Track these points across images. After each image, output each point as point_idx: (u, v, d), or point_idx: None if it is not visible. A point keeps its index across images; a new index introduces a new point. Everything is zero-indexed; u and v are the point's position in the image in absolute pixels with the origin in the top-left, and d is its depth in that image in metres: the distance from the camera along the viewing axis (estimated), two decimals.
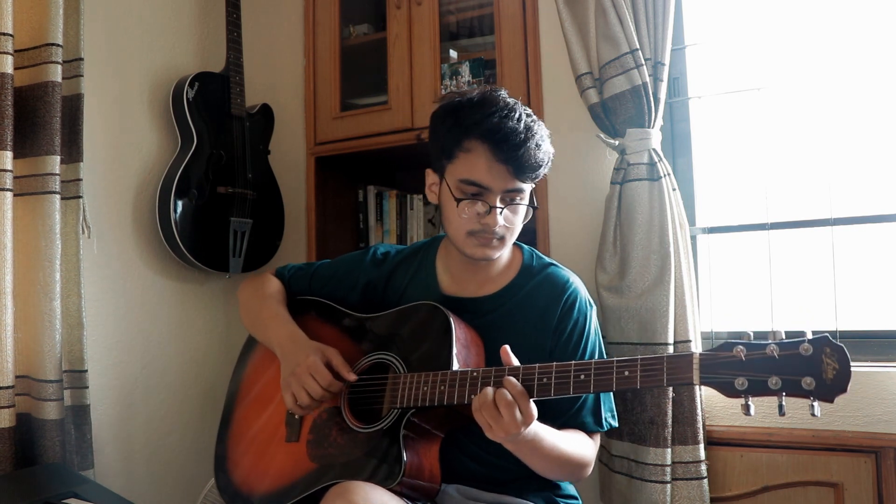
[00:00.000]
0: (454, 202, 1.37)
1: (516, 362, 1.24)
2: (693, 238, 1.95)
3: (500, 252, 1.42)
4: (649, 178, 1.79)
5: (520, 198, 1.39)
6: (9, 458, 1.63)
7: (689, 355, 1.10)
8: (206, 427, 2.32)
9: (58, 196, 1.75)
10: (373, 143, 2.22)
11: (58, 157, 1.75)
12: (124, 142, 2.14)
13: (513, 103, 1.36)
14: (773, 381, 1.03)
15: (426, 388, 1.30)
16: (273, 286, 1.64)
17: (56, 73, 1.75)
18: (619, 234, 1.84)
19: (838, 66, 1.87)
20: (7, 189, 1.64)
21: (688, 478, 1.71)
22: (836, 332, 1.78)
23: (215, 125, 2.19)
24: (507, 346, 1.25)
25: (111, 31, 2.11)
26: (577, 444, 1.37)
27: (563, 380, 1.18)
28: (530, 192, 1.41)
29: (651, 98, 1.79)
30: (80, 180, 1.85)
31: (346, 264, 1.63)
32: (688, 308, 1.75)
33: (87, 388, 1.85)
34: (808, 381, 1.02)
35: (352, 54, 2.35)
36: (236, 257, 2.22)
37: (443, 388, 1.28)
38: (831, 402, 1.01)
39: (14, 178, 1.68)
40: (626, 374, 1.14)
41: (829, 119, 1.88)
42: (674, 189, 1.81)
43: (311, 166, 2.33)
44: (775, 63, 1.93)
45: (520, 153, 1.31)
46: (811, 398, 1.02)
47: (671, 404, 1.72)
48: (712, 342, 1.92)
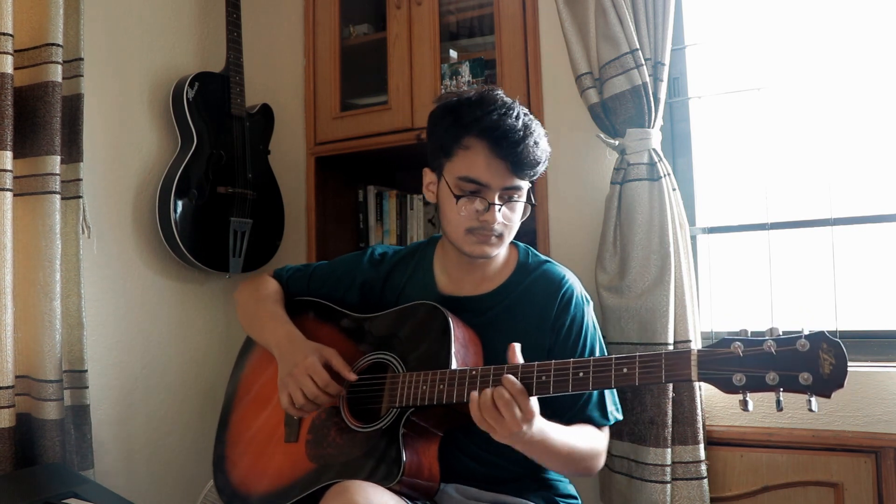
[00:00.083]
0: (453, 200, 1.37)
1: (521, 360, 1.23)
2: (693, 238, 1.95)
3: (499, 249, 1.42)
4: (649, 178, 1.79)
5: (518, 195, 1.39)
6: (9, 458, 1.63)
7: (687, 352, 1.10)
8: (206, 427, 2.31)
9: (58, 196, 1.75)
10: (373, 143, 2.22)
11: (58, 157, 1.75)
12: (124, 142, 2.14)
13: (511, 102, 1.37)
14: (771, 377, 1.04)
15: (425, 388, 1.30)
16: (270, 287, 1.64)
17: (56, 73, 1.75)
18: (619, 234, 1.84)
19: (838, 66, 1.87)
20: (7, 189, 1.64)
21: (688, 478, 1.71)
22: (837, 331, 1.77)
23: (215, 125, 2.19)
24: (515, 345, 1.24)
25: (111, 31, 2.11)
26: (588, 438, 1.36)
27: (562, 377, 1.18)
28: (528, 190, 1.41)
29: (651, 98, 1.79)
30: (80, 180, 1.85)
31: (343, 265, 1.63)
32: (688, 308, 1.75)
33: (87, 388, 1.85)
34: (805, 377, 1.02)
35: (352, 54, 2.35)
36: (236, 257, 2.22)
37: (441, 386, 1.28)
38: (828, 397, 1.01)
39: (14, 178, 1.68)
40: (625, 371, 1.14)
41: (828, 119, 1.88)
42: (674, 189, 1.81)
43: (310, 166, 2.33)
44: (775, 63, 1.93)
45: (518, 150, 1.32)
46: (808, 393, 1.02)
47: (671, 404, 1.72)
48: (712, 342, 1.92)
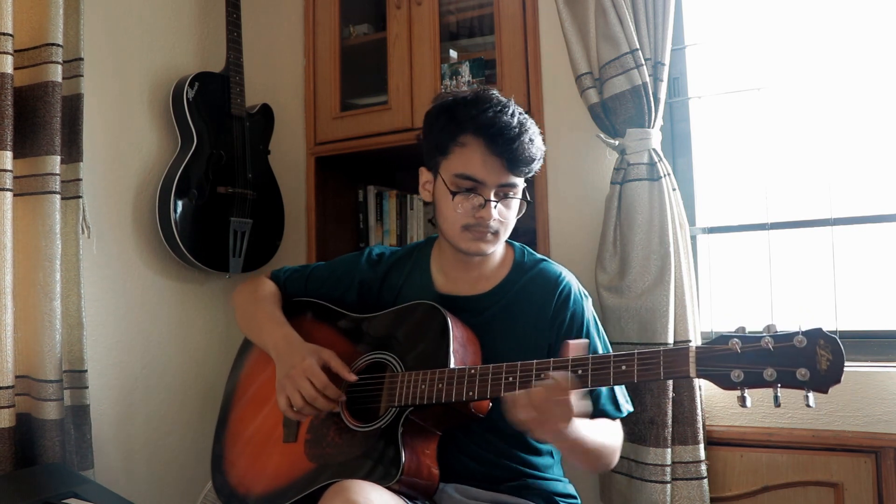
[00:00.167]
0: (449, 197, 1.37)
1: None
2: (693, 238, 1.95)
3: (494, 247, 1.43)
4: (649, 178, 1.79)
5: (513, 192, 1.40)
6: (9, 458, 1.63)
7: (686, 349, 1.11)
8: (205, 427, 2.31)
9: (58, 196, 1.75)
10: (373, 143, 2.22)
11: (58, 157, 1.75)
12: (124, 142, 2.14)
13: (506, 101, 1.38)
14: (769, 373, 1.04)
15: (424, 387, 1.30)
16: (268, 289, 1.64)
17: (56, 73, 1.75)
18: (619, 234, 1.84)
19: (838, 66, 1.87)
20: (7, 189, 1.64)
21: (688, 478, 1.71)
22: (837, 331, 1.77)
23: (215, 125, 2.19)
24: (570, 342, 1.26)
25: (111, 31, 2.12)
26: (609, 433, 1.37)
27: None
28: (523, 188, 1.42)
29: (651, 98, 1.79)
30: (80, 180, 1.85)
31: (341, 265, 1.63)
32: (688, 308, 1.75)
33: (87, 388, 1.85)
34: (802, 373, 1.02)
35: (352, 54, 2.35)
36: (236, 257, 2.22)
37: (440, 385, 1.28)
38: (826, 392, 1.02)
39: (14, 178, 1.68)
40: (623, 368, 1.15)
41: (828, 119, 1.88)
42: (674, 189, 1.81)
43: (310, 166, 2.33)
44: (775, 63, 1.93)
45: (514, 147, 1.33)
46: (806, 389, 1.03)
47: (671, 404, 1.72)
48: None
